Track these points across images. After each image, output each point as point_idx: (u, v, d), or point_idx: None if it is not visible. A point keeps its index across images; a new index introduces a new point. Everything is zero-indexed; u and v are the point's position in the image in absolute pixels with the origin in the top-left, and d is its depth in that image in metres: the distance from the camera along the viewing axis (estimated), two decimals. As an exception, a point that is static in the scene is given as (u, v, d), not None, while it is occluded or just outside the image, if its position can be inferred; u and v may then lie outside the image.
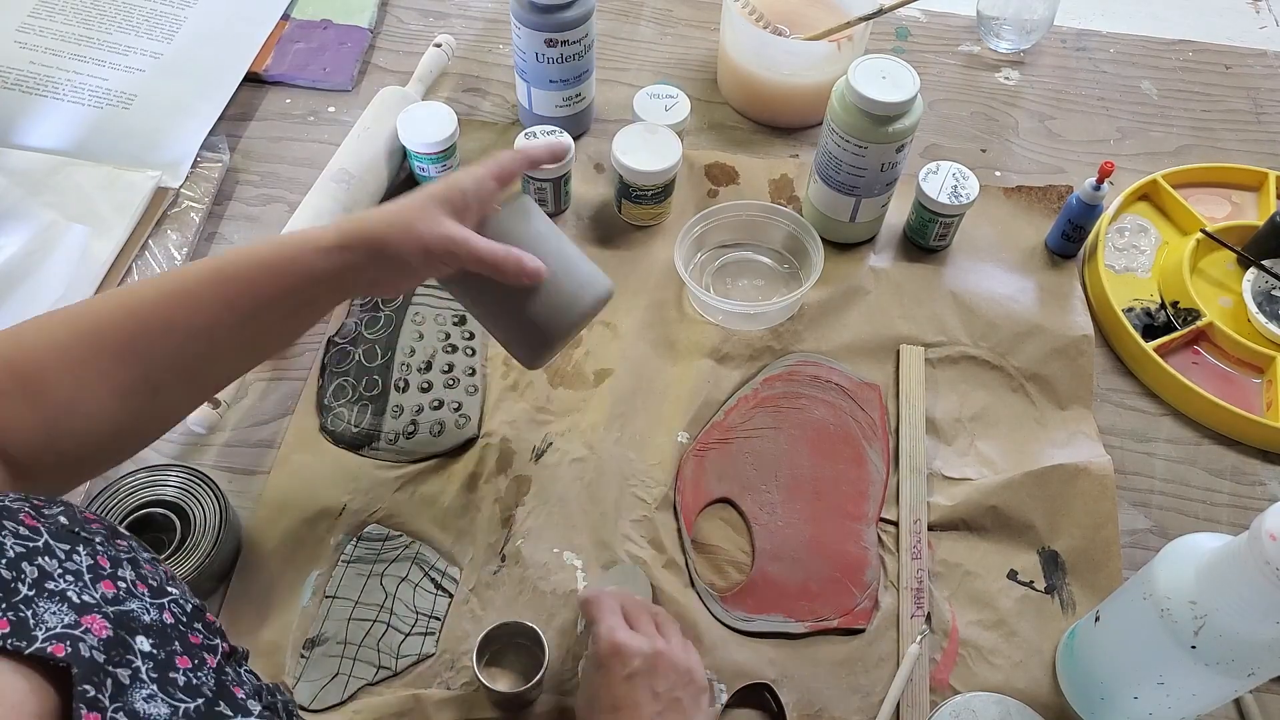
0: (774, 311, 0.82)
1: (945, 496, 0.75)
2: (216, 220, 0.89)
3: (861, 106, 0.78)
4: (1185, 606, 0.54)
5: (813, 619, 0.70)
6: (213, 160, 0.90)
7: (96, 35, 0.98)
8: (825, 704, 0.67)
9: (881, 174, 0.82)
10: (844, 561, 0.72)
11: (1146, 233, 0.92)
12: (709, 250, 0.88)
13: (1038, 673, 0.69)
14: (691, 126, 0.94)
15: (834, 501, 0.75)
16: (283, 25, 1.02)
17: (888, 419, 0.79)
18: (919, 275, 0.87)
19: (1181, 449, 0.80)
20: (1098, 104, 1.03)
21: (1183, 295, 0.85)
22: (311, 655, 0.66)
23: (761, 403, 0.79)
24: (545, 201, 0.89)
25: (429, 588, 0.70)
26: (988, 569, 0.73)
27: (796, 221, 0.85)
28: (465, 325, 0.82)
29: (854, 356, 0.82)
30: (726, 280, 0.87)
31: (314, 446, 0.76)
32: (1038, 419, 0.80)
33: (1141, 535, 0.75)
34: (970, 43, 1.08)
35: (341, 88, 0.99)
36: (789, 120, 0.98)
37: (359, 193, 0.86)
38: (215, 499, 0.69)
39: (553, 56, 0.87)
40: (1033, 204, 0.93)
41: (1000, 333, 0.84)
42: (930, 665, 0.68)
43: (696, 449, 0.77)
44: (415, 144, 0.87)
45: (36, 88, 0.94)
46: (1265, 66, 1.08)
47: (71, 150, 0.90)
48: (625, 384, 0.79)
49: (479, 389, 0.79)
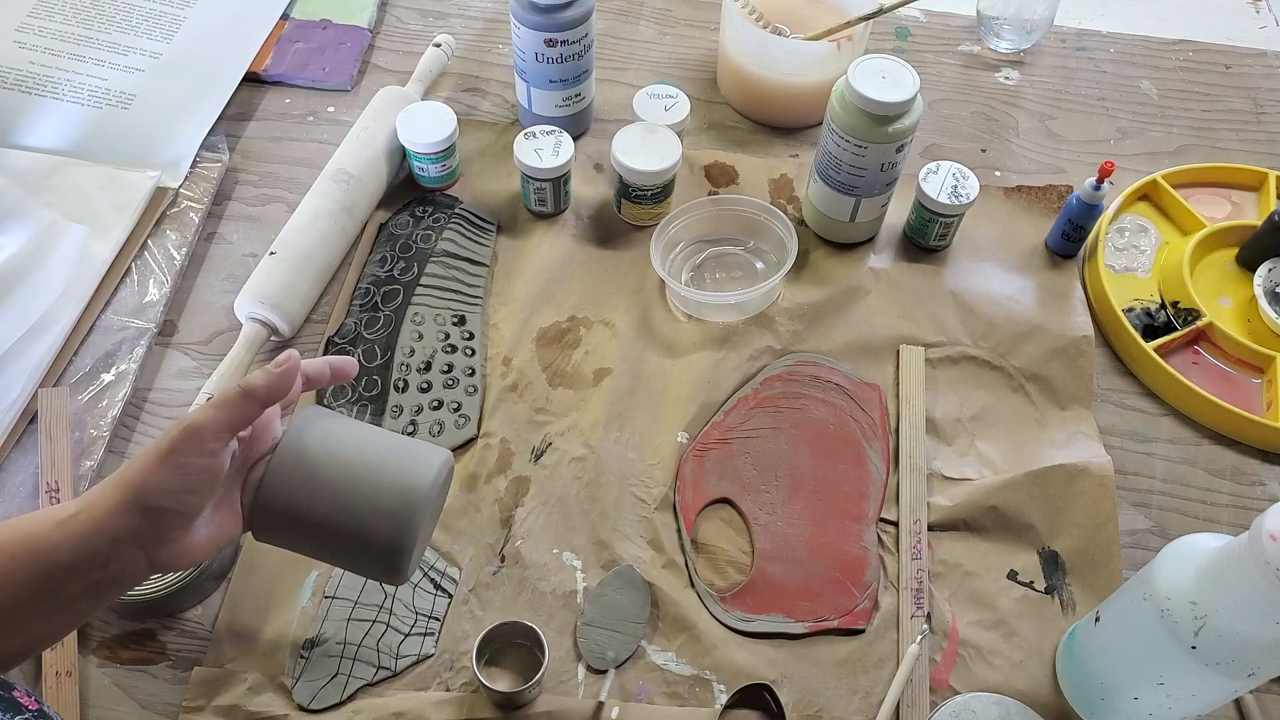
0: (752, 300, 0.82)
1: (945, 497, 0.75)
2: (216, 220, 0.89)
3: (861, 106, 0.78)
4: (1185, 607, 0.54)
5: (813, 619, 0.70)
6: (212, 160, 0.90)
7: (96, 35, 0.98)
8: (825, 704, 0.67)
9: (881, 174, 0.82)
10: (844, 562, 0.72)
11: (1146, 233, 0.91)
12: (688, 248, 0.88)
13: (1038, 673, 0.69)
14: (691, 126, 0.94)
15: (834, 502, 0.75)
16: (282, 25, 1.02)
17: (888, 419, 0.79)
18: (919, 275, 0.87)
19: (1181, 449, 0.80)
20: (1098, 104, 1.03)
21: (1183, 295, 0.85)
22: (311, 655, 0.66)
23: (761, 403, 0.79)
24: (545, 202, 0.89)
25: (428, 588, 0.70)
26: (988, 569, 0.73)
27: (767, 210, 0.85)
28: (465, 325, 0.82)
29: (854, 356, 0.82)
30: (706, 275, 0.87)
31: (313, 447, 0.75)
32: (1038, 419, 0.80)
33: (1141, 535, 0.75)
34: (970, 42, 1.08)
35: (341, 87, 0.99)
36: (789, 120, 0.98)
37: (358, 192, 0.86)
38: (214, 499, 0.68)
39: (552, 56, 0.87)
40: (1033, 204, 0.93)
41: (1000, 333, 0.84)
42: (930, 665, 0.68)
43: (696, 449, 0.77)
44: (415, 144, 0.87)
45: (36, 88, 0.94)
46: (1265, 66, 1.08)
47: (71, 150, 0.89)
48: (624, 384, 0.79)
49: (478, 389, 0.79)
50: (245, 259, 0.86)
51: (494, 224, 0.89)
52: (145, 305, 0.81)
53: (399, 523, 0.53)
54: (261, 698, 0.65)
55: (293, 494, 0.53)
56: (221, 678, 0.65)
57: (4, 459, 0.73)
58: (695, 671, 0.67)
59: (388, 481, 0.53)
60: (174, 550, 0.50)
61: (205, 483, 0.50)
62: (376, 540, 0.53)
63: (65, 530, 0.47)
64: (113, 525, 0.48)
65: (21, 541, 0.47)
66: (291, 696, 0.65)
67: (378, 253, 0.86)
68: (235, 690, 0.65)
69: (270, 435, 0.56)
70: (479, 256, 0.86)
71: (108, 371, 0.78)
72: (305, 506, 0.53)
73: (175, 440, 0.49)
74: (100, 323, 0.80)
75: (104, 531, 0.48)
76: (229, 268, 0.86)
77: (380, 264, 0.85)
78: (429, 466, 0.55)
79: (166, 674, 0.66)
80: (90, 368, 0.78)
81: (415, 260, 0.85)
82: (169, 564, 0.50)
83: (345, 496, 0.53)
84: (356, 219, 0.86)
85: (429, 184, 0.90)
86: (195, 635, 0.68)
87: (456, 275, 0.85)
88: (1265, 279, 0.85)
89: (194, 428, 0.49)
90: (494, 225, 0.89)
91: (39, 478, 0.72)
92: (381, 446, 0.55)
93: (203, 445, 0.49)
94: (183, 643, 0.67)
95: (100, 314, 0.81)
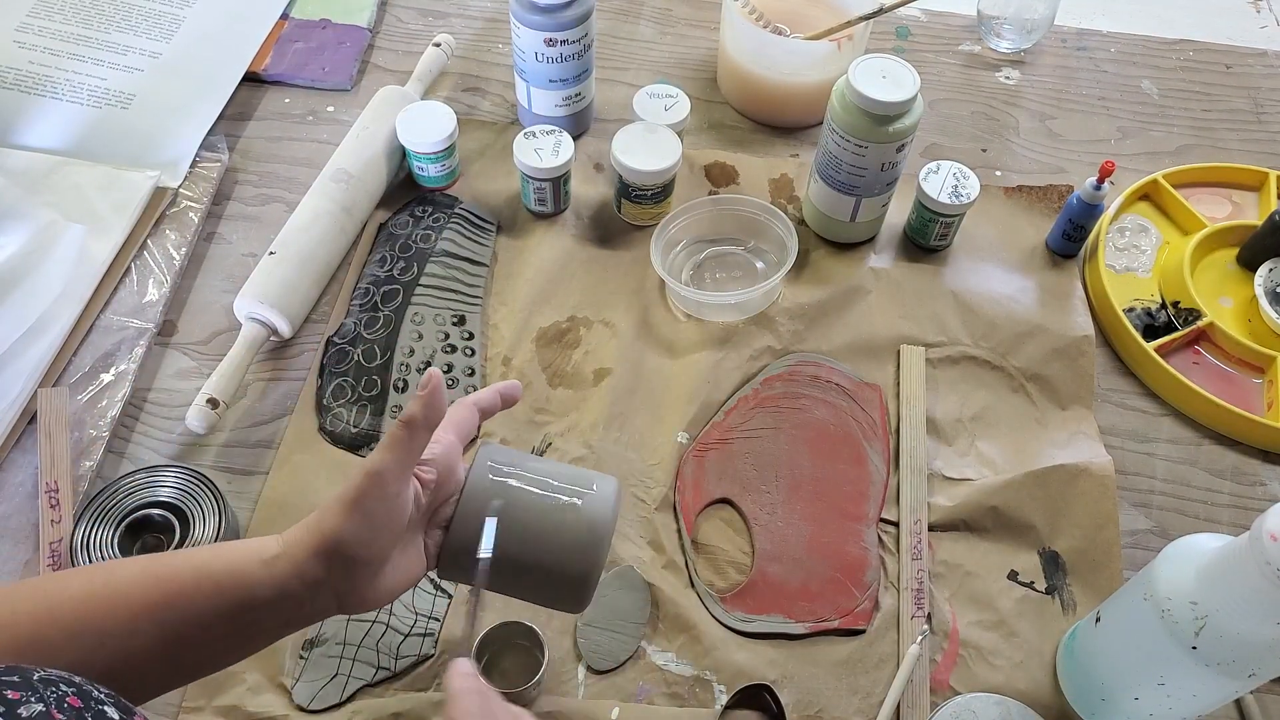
0: (752, 300, 0.82)
1: (946, 497, 0.75)
2: (215, 220, 0.89)
3: (862, 106, 0.78)
4: (1186, 607, 0.54)
5: (813, 619, 0.70)
6: (211, 160, 0.90)
7: (95, 35, 0.98)
8: (825, 705, 0.67)
9: (882, 174, 0.82)
10: (844, 562, 0.72)
11: (1147, 232, 0.91)
12: (688, 247, 0.88)
13: (1038, 673, 0.69)
14: (691, 126, 0.94)
15: (834, 502, 0.75)
16: (282, 25, 1.02)
17: (888, 419, 0.79)
18: (919, 275, 0.87)
19: (1182, 449, 0.80)
20: (1098, 103, 1.03)
21: (1183, 295, 0.85)
22: (310, 656, 0.66)
23: (762, 403, 0.79)
24: (545, 202, 0.88)
25: (428, 588, 0.69)
26: (988, 569, 0.73)
27: (767, 210, 0.85)
28: (464, 325, 0.82)
29: (854, 356, 0.82)
30: (706, 275, 0.87)
31: (313, 447, 0.75)
32: (1038, 419, 0.80)
33: (1142, 536, 0.75)
34: (971, 42, 1.07)
35: (340, 87, 0.98)
36: (789, 120, 0.98)
37: (358, 192, 0.86)
38: (214, 499, 0.68)
39: (552, 56, 0.87)
40: (1033, 204, 0.93)
41: (1001, 333, 0.84)
42: (930, 666, 0.68)
43: (696, 449, 0.77)
44: (414, 143, 0.87)
45: (35, 87, 0.94)
46: (1266, 66, 1.08)
47: (70, 150, 0.89)
48: (624, 384, 0.79)
49: (478, 389, 0.78)
50: (245, 259, 0.86)
51: (494, 224, 0.89)
52: (144, 305, 0.81)
53: (588, 555, 0.54)
54: (261, 698, 0.64)
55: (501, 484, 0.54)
56: (221, 678, 0.65)
57: (3, 459, 0.73)
58: (695, 672, 0.67)
59: (574, 518, 0.54)
60: (363, 595, 0.51)
61: (392, 528, 0.50)
62: (567, 574, 0.54)
63: (269, 570, 0.48)
64: (311, 571, 0.49)
65: (228, 575, 0.48)
66: (291, 697, 0.65)
67: (377, 252, 0.86)
68: (235, 690, 0.65)
69: (454, 479, 0.55)
70: (479, 256, 0.86)
71: (107, 371, 0.78)
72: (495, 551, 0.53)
73: (360, 488, 0.49)
74: (99, 323, 0.80)
75: (304, 577, 0.48)
76: (228, 268, 0.86)
77: (380, 264, 0.85)
78: (608, 496, 0.55)
79: (166, 674, 0.66)
80: (90, 368, 0.78)
81: (415, 260, 0.85)
82: (357, 606, 0.51)
83: (535, 534, 0.53)
84: (356, 219, 0.86)
85: (429, 184, 0.90)
86: (195, 635, 0.67)
87: (456, 275, 0.85)
88: (1266, 279, 0.85)
89: (376, 473, 0.49)
90: (494, 225, 0.89)
91: (38, 477, 0.72)
92: (561, 479, 0.55)
93: (387, 489, 0.49)
94: (182, 643, 0.67)
95: (99, 314, 0.81)
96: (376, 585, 0.51)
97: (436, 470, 0.53)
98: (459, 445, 0.56)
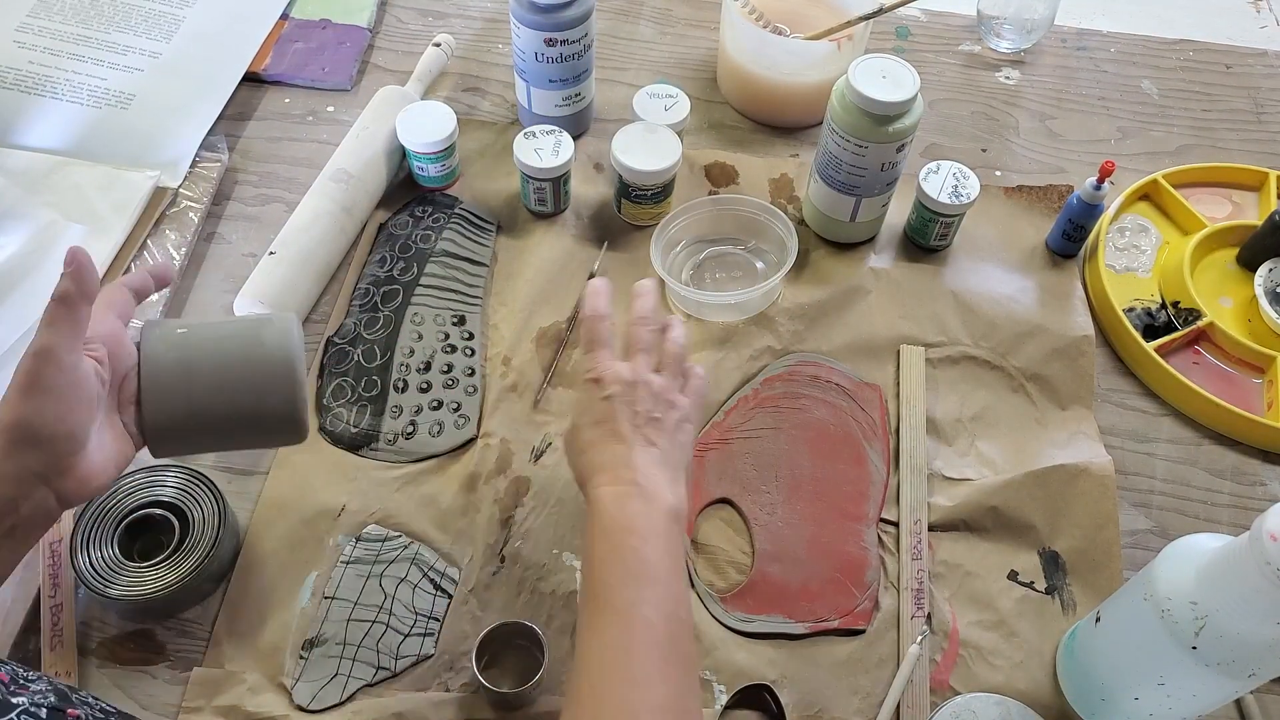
0: (752, 300, 0.82)
1: (945, 497, 0.75)
2: (215, 220, 0.89)
3: (862, 106, 0.78)
4: (1186, 607, 0.54)
5: (813, 619, 0.70)
6: (211, 160, 0.90)
7: (95, 35, 0.98)
8: (825, 705, 0.67)
9: (881, 174, 0.82)
10: (844, 562, 0.72)
11: (1147, 232, 0.91)
12: (688, 247, 0.88)
13: (1038, 673, 0.69)
14: (691, 126, 0.94)
15: (834, 502, 0.75)
16: (281, 25, 1.02)
17: (888, 419, 0.79)
18: (919, 275, 0.87)
19: (1182, 449, 0.80)
20: (1098, 103, 1.03)
21: (1183, 295, 0.85)
22: (311, 656, 0.66)
23: (761, 403, 0.79)
24: (545, 202, 0.88)
25: (428, 588, 0.69)
26: (988, 569, 0.73)
27: (767, 210, 0.85)
28: (464, 325, 0.82)
29: (854, 356, 0.82)
30: (706, 275, 0.87)
31: (313, 447, 0.75)
32: (1038, 419, 0.80)
33: (1142, 536, 0.75)
34: (970, 42, 1.07)
35: (340, 87, 0.98)
36: (789, 120, 0.98)
37: (358, 192, 0.86)
38: (214, 499, 0.68)
39: (552, 56, 0.87)
40: (1033, 204, 0.93)
41: (1001, 333, 0.84)
42: (930, 666, 0.68)
43: (696, 449, 0.77)
44: (414, 143, 0.87)
45: (35, 87, 0.94)
46: (1266, 66, 1.08)
47: (70, 150, 0.89)
48: (625, 384, 0.79)
49: (478, 389, 0.79)
50: (245, 259, 0.86)
51: (494, 224, 0.89)
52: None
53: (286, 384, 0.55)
54: (261, 698, 0.64)
55: (175, 396, 0.55)
56: (221, 678, 0.65)
57: (3, 459, 0.73)
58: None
59: (258, 354, 0.56)
60: (75, 479, 0.51)
61: (80, 397, 0.51)
62: (273, 409, 0.56)
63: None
64: (8, 469, 0.49)
65: None
66: (291, 697, 0.65)
67: (377, 253, 0.86)
68: (235, 691, 0.65)
69: (126, 352, 0.56)
70: (479, 256, 0.86)
71: (107, 371, 0.78)
72: (192, 404, 0.54)
73: (32, 369, 0.50)
74: (100, 323, 0.80)
75: (5, 478, 0.49)
76: (228, 267, 0.86)
77: (380, 264, 0.85)
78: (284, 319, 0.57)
79: (166, 674, 0.66)
80: (89, 368, 0.78)
81: (415, 260, 0.85)
82: (76, 494, 0.52)
83: (227, 381, 0.55)
84: (356, 219, 0.86)
85: (429, 184, 0.90)
86: (195, 636, 0.67)
87: (456, 275, 0.85)
88: (1266, 279, 0.85)
89: (44, 349, 0.50)
90: (494, 225, 0.89)
91: (38, 478, 0.72)
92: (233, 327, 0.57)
93: (61, 361, 0.50)
94: (182, 643, 0.67)
95: (100, 314, 0.81)
96: (86, 466, 0.52)
97: (105, 346, 0.54)
98: (121, 324, 0.57)
